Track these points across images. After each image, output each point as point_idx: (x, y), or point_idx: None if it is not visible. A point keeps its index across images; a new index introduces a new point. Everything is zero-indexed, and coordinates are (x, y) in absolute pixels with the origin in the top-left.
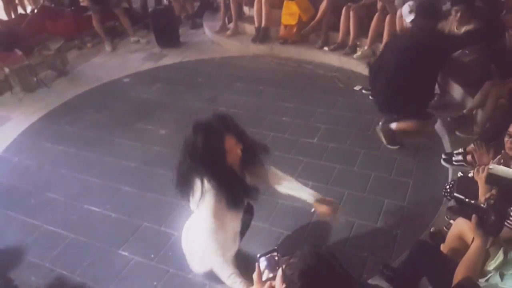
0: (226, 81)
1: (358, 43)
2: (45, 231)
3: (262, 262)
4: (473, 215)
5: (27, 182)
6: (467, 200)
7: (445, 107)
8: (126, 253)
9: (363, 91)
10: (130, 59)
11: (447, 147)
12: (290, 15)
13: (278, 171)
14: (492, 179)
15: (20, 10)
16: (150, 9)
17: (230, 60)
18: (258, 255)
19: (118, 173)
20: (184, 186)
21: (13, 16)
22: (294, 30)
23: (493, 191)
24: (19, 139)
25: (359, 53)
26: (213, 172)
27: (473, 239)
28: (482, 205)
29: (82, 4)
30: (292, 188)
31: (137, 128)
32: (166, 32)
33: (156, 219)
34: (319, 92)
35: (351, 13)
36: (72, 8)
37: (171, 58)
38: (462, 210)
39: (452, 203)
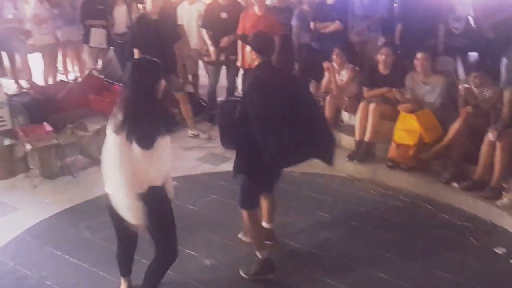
0: (305, 206)
1: (505, 185)
2: None
3: None
4: None
5: None
6: None
7: None
8: None
9: (510, 260)
10: (183, 157)
11: None
12: (407, 132)
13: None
14: None
15: (61, 77)
16: (219, 99)
17: (314, 178)
18: None
19: None
20: None
21: (51, 82)
22: (411, 152)
23: None
24: (21, 238)
25: (505, 199)
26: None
27: None
28: None
29: None
30: None
31: None
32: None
33: None
34: (440, 246)
35: (499, 143)
36: None
37: None
38: None
39: None
